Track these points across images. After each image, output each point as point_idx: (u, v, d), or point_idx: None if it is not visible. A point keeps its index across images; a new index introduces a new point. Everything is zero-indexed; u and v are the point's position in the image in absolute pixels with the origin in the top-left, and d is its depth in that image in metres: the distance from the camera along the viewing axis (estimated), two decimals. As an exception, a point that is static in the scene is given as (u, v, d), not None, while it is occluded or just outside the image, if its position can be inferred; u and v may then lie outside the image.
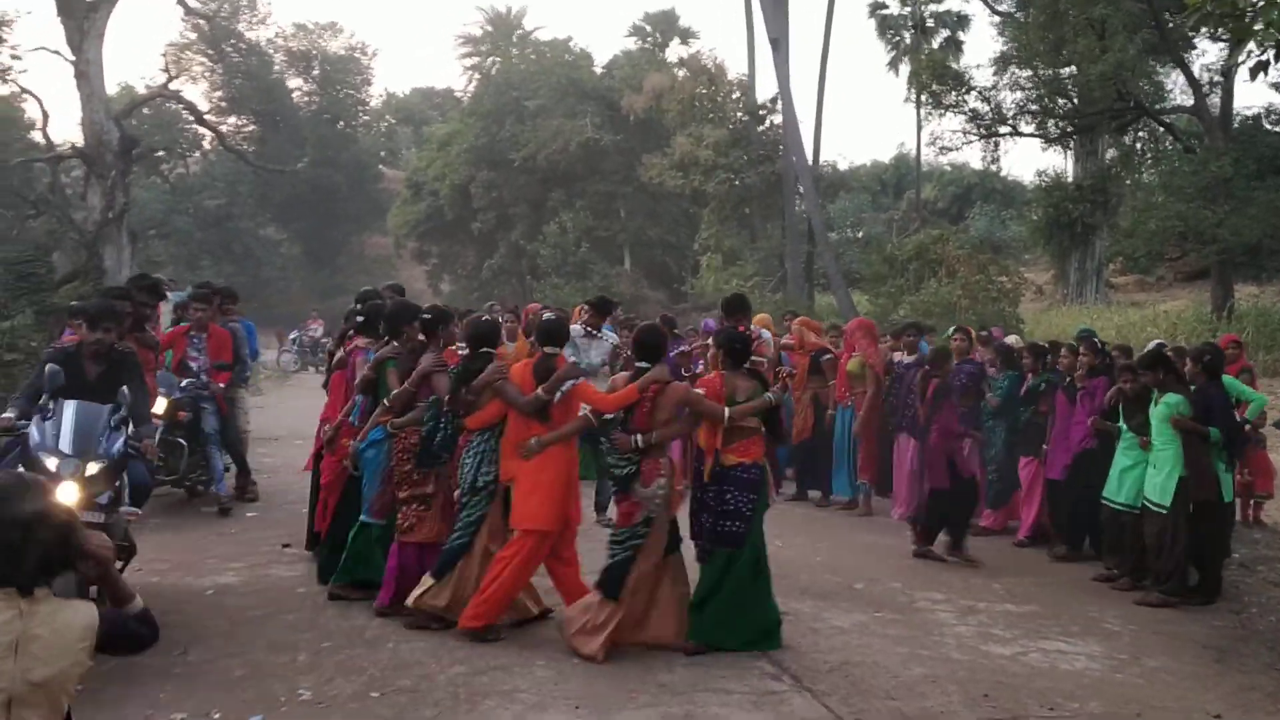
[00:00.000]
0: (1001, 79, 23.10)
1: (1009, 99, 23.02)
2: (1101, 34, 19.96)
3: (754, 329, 8.49)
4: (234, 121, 43.33)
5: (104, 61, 22.58)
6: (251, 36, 44.19)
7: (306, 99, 47.21)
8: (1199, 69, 21.72)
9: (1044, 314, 24.53)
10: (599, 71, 39.87)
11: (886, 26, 37.88)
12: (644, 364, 5.73)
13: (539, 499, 5.61)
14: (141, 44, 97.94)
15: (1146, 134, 24.50)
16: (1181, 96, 23.12)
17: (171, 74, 34.64)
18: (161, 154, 33.94)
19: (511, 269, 39.14)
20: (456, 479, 5.97)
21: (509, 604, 5.77)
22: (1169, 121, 22.80)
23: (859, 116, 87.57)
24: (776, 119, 30.07)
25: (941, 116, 23.78)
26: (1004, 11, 26.63)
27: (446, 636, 5.69)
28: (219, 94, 43.02)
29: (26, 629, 2.37)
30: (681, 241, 35.23)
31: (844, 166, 38.88)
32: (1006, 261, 26.78)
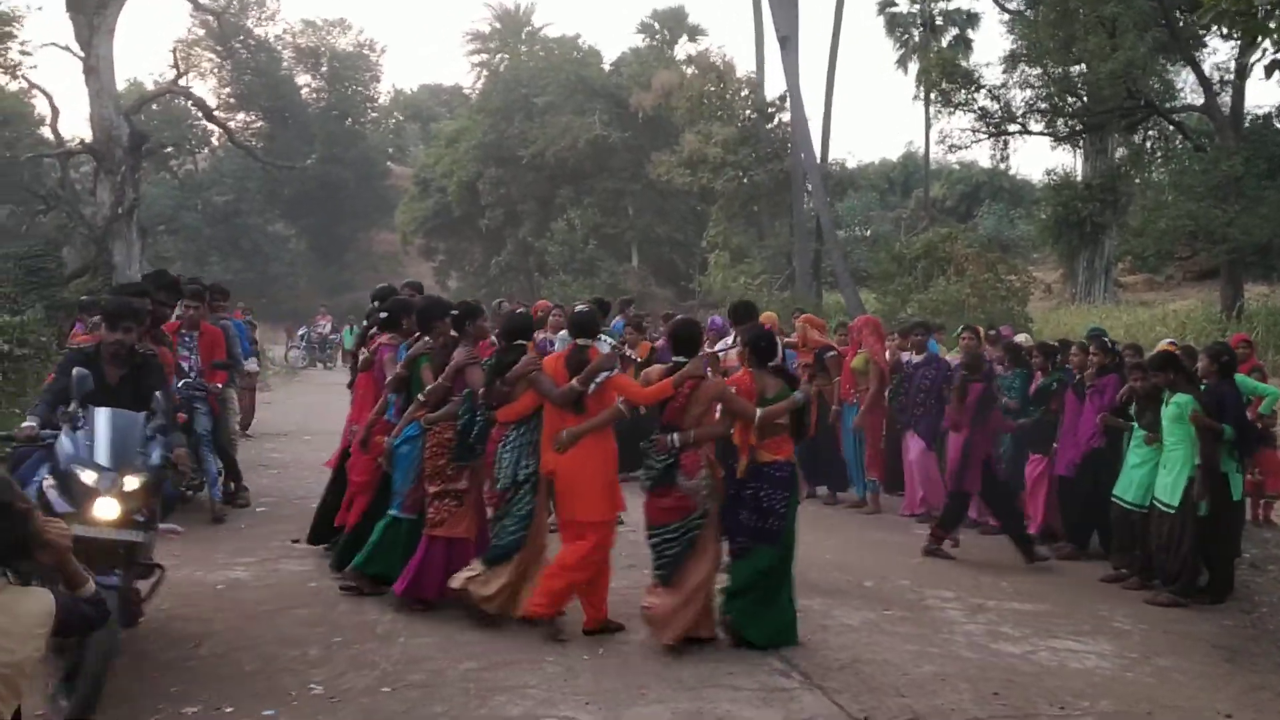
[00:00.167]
0: (1011, 77, 23.02)
1: (1018, 97, 22.96)
2: (1112, 32, 19.87)
3: None
4: (242, 118, 43.52)
5: (113, 57, 22.66)
6: (260, 33, 44.38)
7: (315, 95, 47.34)
8: (1210, 67, 21.62)
9: (1052, 313, 24.49)
10: (607, 69, 39.90)
11: (895, 24, 37.75)
12: (680, 358, 5.73)
13: (591, 491, 5.66)
14: (151, 40, 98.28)
15: (1156, 133, 24.38)
16: (1192, 95, 23.02)
17: (181, 70, 34.72)
18: (170, 150, 34.01)
19: (519, 266, 39.17)
20: (489, 474, 5.96)
21: (570, 596, 5.76)
22: (1179, 120, 22.70)
23: (868, 114, 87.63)
24: (785, 117, 30.04)
25: (950, 114, 23.72)
26: (1013, 9, 26.51)
27: (456, 632, 5.71)
28: (227, 90, 43.20)
29: None
30: (689, 239, 35.23)
31: (852, 164, 38.77)
32: (1015, 260, 26.76)
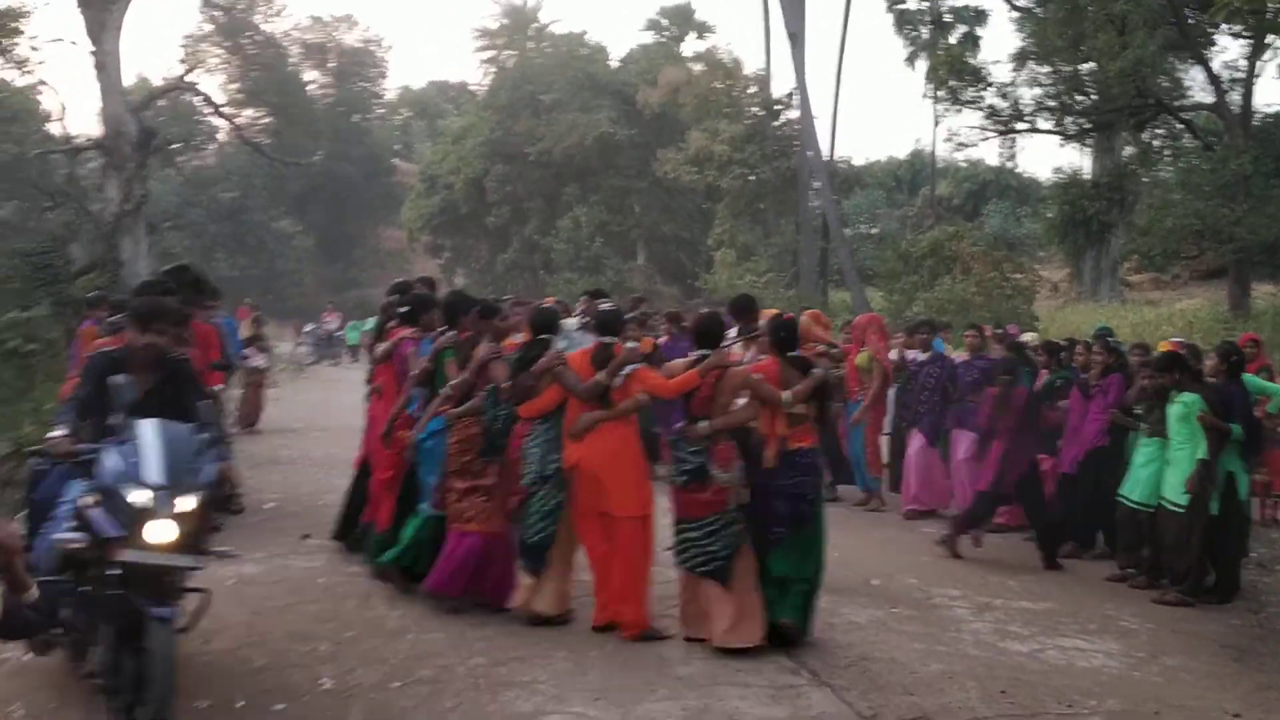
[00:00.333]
0: (1019, 75, 23.06)
1: (1027, 95, 22.97)
2: (1121, 30, 19.84)
3: (764, 325, 8.43)
4: (249, 114, 43.51)
5: (121, 54, 22.72)
6: (267, 29, 44.40)
7: (322, 92, 47.38)
8: (1219, 66, 21.60)
9: (1059, 311, 24.44)
10: (615, 65, 39.87)
11: (904, 21, 37.62)
12: (704, 350, 5.75)
13: (626, 485, 5.68)
14: (158, 37, 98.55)
15: (1165, 131, 24.36)
16: (1201, 94, 23.00)
17: (189, 66, 34.81)
18: (177, 146, 34.10)
19: (525, 263, 39.18)
20: (516, 469, 5.96)
21: (639, 599, 5.72)
22: (1188, 119, 22.66)
23: (875, 112, 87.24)
24: (792, 114, 30.04)
25: (959, 112, 23.73)
26: (1022, 6, 26.50)
27: (466, 628, 5.73)
28: (235, 86, 43.22)
29: None
30: (695, 237, 35.22)
31: (859, 162, 38.89)
32: (1021, 259, 26.70)
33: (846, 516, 9.78)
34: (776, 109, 31.05)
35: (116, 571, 3.90)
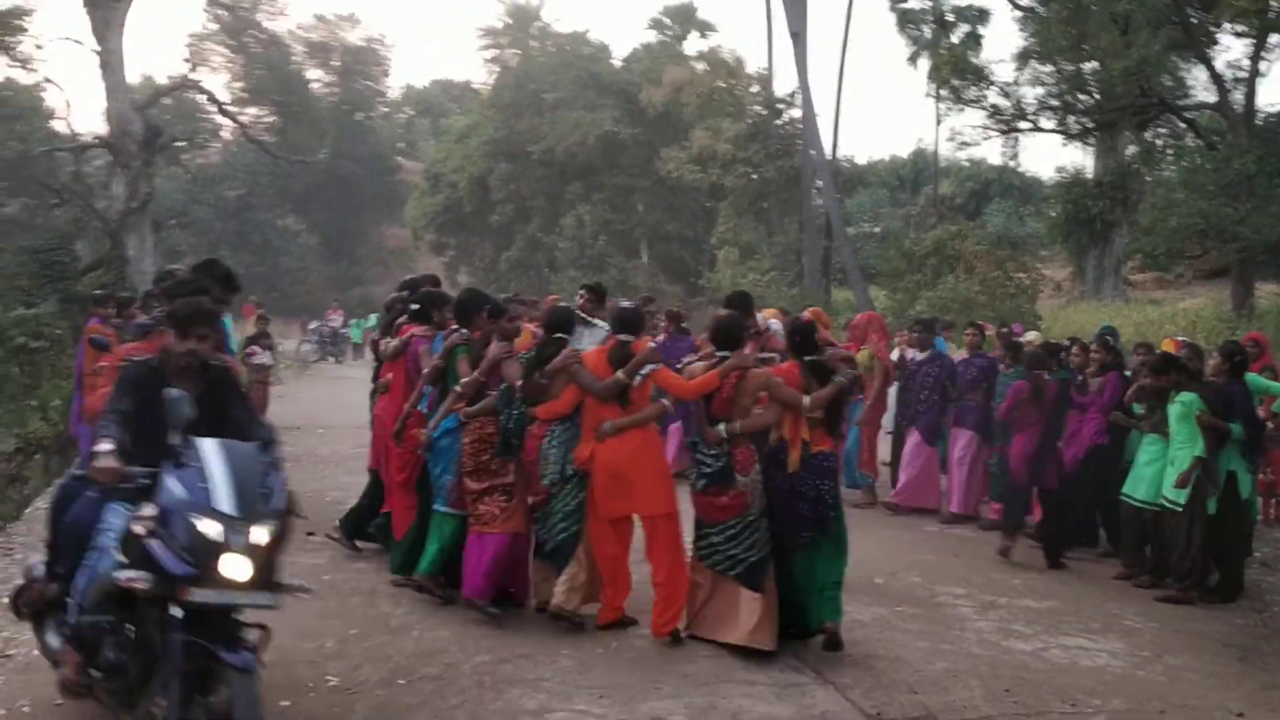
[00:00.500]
0: (1022, 74, 23.03)
1: (1029, 94, 22.95)
2: (1125, 29, 19.81)
3: (762, 321, 8.42)
4: (254, 112, 43.52)
5: (126, 52, 22.79)
6: (271, 27, 44.42)
7: (326, 90, 47.42)
8: (1222, 65, 21.57)
9: (1061, 310, 24.44)
10: (618, 65, 39.87)
11: (907, 20, 37.56)
12: (724, 352, 5.73)
13: (652, 484, 5.70)
14: (162, 35, 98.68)
15: (1168, 131, 24.32)
16: (1204, 93, 22.96)
17: (193, 64, 34.85)
18: (182, 144, 34.15)
19: (529, 261, 39.22)
20: (533, 468, 5.93)
21: (686, 594, 5.72)
22: (1191, 118, 22.63)
23: (878, 111, 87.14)
24: (795, 113, 30.04)
25: (961, 111, 23.72)
26: (1025, 6, 26.47)
27: (471, 625, 5.75)
28: (239, 84, 43.25)
29: None
30: (698, 235, 35.24)
31: (862, 161, 38.85)
32: (1024, 258, 26.68)
33: (848, 516, 9.79)
34: (779, 108, 31.07)
35: (178, 613, 3.50)
